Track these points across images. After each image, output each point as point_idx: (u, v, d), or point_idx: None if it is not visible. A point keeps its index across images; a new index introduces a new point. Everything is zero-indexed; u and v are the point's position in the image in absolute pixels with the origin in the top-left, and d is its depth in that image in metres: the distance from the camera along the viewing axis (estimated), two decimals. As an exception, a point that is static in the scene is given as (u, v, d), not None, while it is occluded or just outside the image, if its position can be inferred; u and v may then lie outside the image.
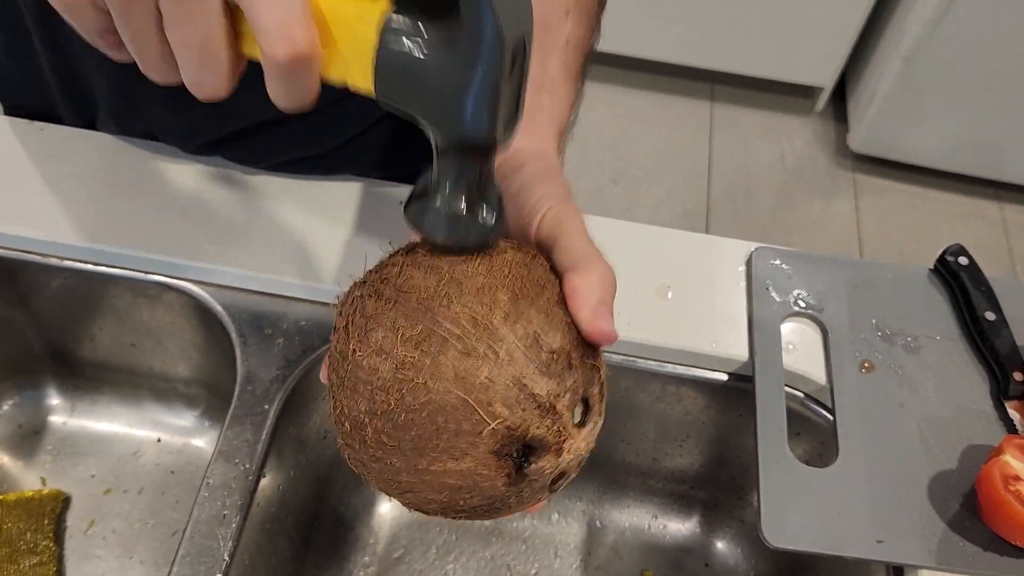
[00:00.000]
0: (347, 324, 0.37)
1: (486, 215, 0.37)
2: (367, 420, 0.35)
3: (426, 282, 0.36)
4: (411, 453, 0.34)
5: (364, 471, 0.37)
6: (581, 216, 0.41)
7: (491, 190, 0.38)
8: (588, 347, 0.38)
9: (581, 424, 0.37)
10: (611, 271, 0.39)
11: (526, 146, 0.44)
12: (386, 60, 0.33)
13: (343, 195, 0.72)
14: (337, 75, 0.35)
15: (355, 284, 0.39)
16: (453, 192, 0.37)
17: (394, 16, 0.33)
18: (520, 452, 0.35)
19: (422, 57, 0.32)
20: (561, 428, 0.36)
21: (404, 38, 0.33)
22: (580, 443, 0.37)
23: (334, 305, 0.40)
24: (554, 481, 0.37)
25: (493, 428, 0.34)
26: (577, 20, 0.50)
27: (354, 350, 0.36)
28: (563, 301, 0.38)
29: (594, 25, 0.52)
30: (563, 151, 0.49)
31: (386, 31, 0.33)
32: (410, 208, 0.38)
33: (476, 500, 0.36)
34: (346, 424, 0.36)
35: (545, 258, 0.40)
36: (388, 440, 0.35)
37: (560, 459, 0.36)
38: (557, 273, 0.39)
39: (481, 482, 0.35)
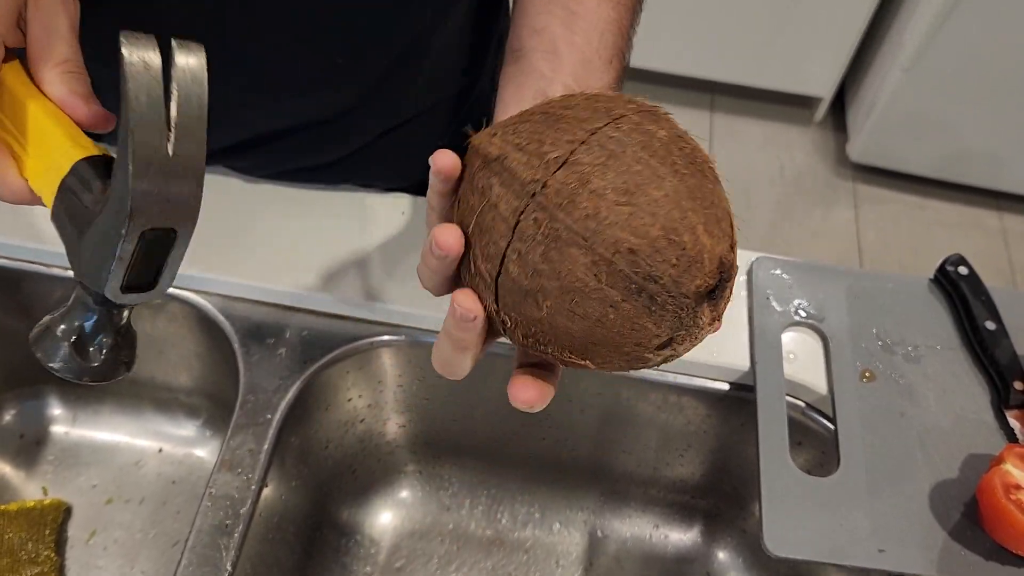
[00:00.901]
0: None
1: (103, 355, 0.42)
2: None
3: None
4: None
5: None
6: None
7: (112, 336, 0.42)
8: None
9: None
10: None
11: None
12: (61, 193, 0.39)
13: (345, 205, 0.72)
14: (32, 182, 0.41)
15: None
16: (72, 326, 0.42)
17: (82, 164, 0.38)
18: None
19: (81, 204, 0.38)
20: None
21: (79, 183, 0.38)
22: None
23: (340, 314, 0.40)
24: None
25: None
26: (617, 67, 0.52)
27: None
28: None
29: (626, 69, 0.55)
30: None
31: (72, 172, 0.38)
32: (37, 330, 0.43)
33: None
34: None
35: None
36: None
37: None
38: None
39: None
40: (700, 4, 1.94)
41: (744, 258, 0.71)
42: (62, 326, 0.42)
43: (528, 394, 0.39)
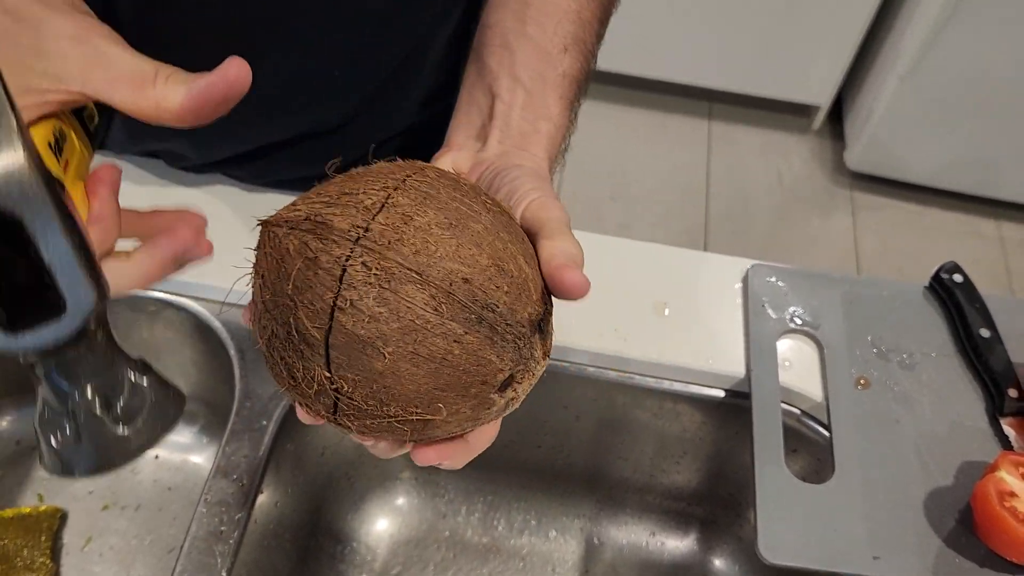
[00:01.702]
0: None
1: (82, 435, 0.33)
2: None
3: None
4: None
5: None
6: (565, 213, 0.42)
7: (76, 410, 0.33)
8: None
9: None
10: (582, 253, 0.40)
11: (523, 162, 0.46)
12: None
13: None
14: None
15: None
16: (42, 420, 0.33)
17: None
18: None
19: None
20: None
21: None
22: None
23: None
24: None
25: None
26: (575, 56, 0.52)
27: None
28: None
29: (590, 60, 0.55)
30: (554, 174, 0.51)
31: None
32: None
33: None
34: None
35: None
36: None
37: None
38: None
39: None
40: (698, 13, 1.94)
41: (740, 266, 0.72)
42: (36, 427, 0.32)
43: (428, 455, 0.38)
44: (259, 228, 0.37)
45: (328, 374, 0.34)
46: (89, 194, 0.35)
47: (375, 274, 0.33)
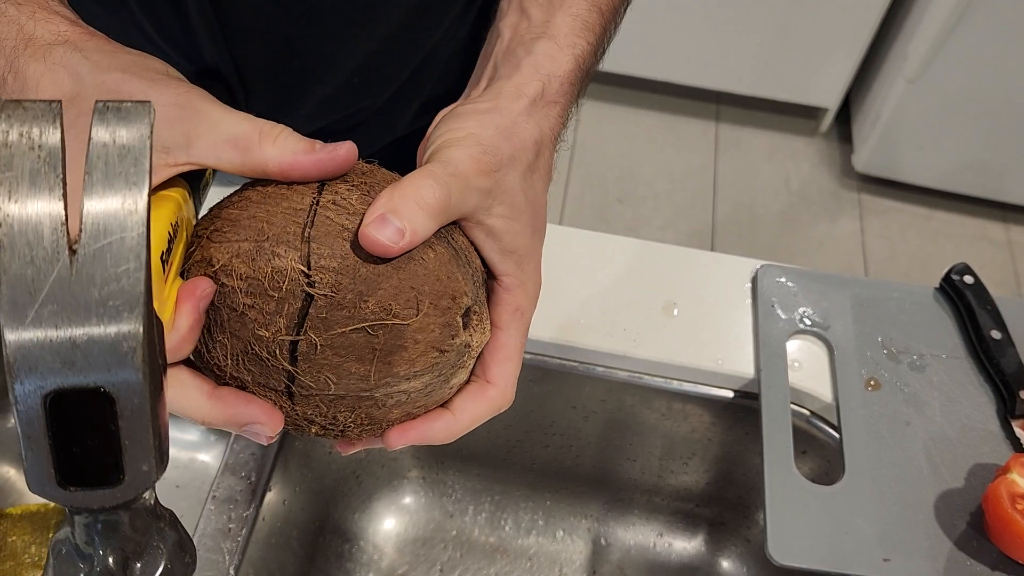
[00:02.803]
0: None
1: None
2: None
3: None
4: None
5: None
6: (477, 150, 0.38)
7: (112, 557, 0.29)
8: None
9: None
10: (432, 187, 0.36)
11: (499, 87, 0.43)
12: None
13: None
14: None
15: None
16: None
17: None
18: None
19: None
20: None
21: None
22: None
23: None
24: None
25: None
26: None
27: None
28: None
29: None
30: (570, 101, 0.45)
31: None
32: None
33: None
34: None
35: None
36: None
37: None
38: None
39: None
40: (706, 15, 1.94)
41: (749, 266, 0.71)
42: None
43: (406, 434, 0.38)
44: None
45: (304, 268, 0.34)
46: (179, 300, 0.34)
47: (355, 184, 0.36)
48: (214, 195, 0.42)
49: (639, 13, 0.67)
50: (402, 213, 0.34)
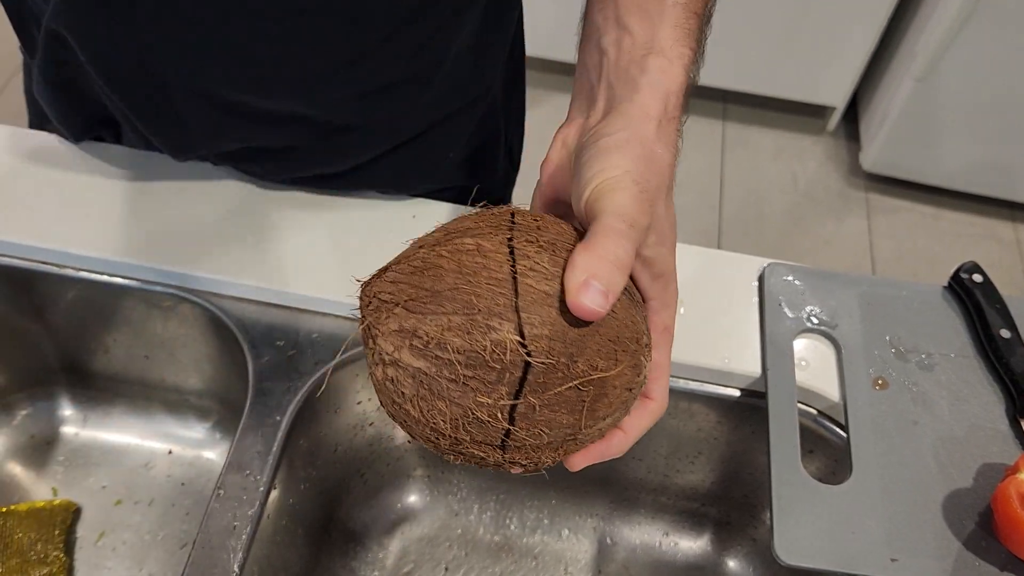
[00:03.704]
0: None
1: None
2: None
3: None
4: None
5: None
6: (636, 190, 0.40)
7: None
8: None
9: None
10: (623, 245, 0.38)
11: (615, 126, 0.43)
12: None
13: (355, 209, 0.72)
14: None
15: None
16: None
17: None
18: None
19: None
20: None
21: None
22: None
23: (351, 316, 0.40)
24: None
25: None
26: None
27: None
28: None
29: None
30: (682, 112, 0.46)
31: None
32: None
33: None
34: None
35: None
36: None
37: None
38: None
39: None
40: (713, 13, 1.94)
41: (756, 264, 0.71)
42: None
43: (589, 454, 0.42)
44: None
45: (520, 339, 0.36)
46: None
47: (541, 246, 0.38)
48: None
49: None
50: (602, 276, 0.36)
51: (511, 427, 0.36)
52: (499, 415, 0.36)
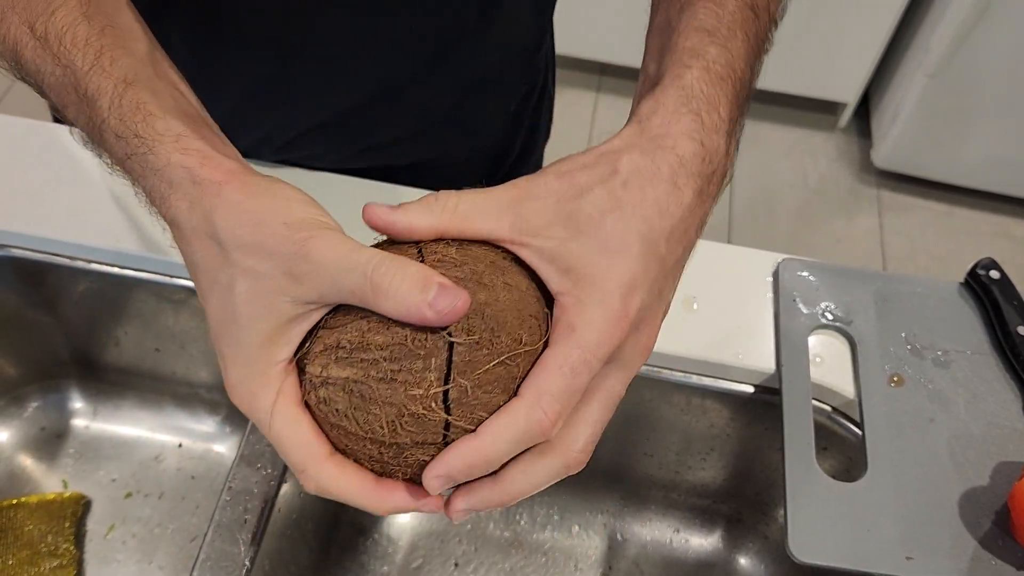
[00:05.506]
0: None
1: None
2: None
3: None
4: None
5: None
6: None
7: None
8: None
9: None
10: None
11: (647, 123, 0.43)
12: None
13: (370, 198, 0.72)
14: None
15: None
16: None
17: None
18: None
19: None
20: None
21: None
22: None
23: None
24: None
25: None
26: None
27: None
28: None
29: None
30: (738, 117, 0.45)
31: None
32: None
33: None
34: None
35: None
36: None
37: None
38: None
39: None
40: (724, 8, 1.93)
41: (770, 260, 0.71)
42: None
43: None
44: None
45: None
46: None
47: (447, 243, 0.39)
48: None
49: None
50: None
51: (448, 417, 0.36)
52: (434, 405, 0.36)
